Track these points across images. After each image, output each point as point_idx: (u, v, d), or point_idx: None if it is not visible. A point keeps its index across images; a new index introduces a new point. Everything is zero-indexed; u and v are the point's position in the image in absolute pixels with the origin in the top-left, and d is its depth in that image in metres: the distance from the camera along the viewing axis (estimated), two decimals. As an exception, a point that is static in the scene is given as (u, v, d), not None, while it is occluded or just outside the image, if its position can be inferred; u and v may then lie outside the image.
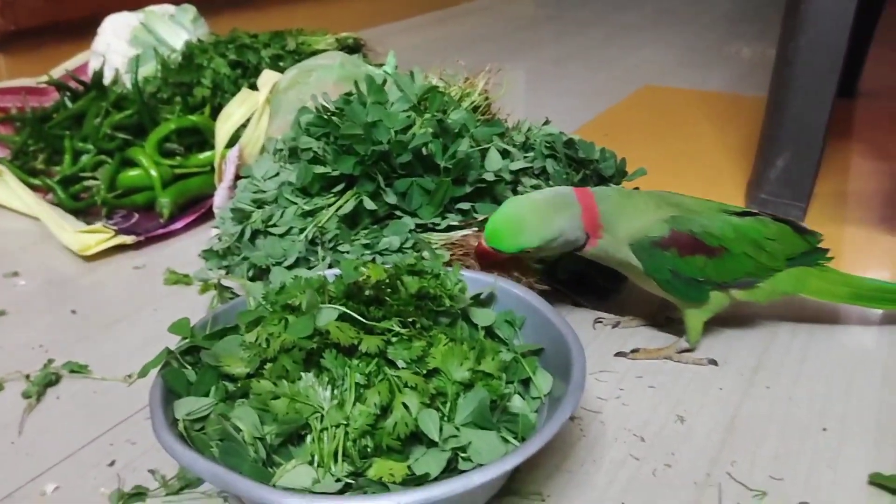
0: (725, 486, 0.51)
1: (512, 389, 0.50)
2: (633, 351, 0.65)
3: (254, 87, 0.97)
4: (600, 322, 0.70)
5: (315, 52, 1.12)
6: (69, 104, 1.06)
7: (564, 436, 0.56)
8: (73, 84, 1.10)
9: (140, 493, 0.51)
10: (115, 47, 1.14)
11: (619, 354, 0.65)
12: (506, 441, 0.45)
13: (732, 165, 1.06)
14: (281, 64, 1.09)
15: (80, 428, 0.58)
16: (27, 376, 0.63)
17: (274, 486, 0.41)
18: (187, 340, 0.50)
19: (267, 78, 0.91)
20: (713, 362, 0.63)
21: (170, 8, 1.21)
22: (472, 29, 2.06)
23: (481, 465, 0.43)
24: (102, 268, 0.81)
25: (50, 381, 0.62)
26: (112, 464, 0.54)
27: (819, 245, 0.64)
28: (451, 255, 0.66)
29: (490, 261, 0.62)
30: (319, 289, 0.49)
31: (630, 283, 0.71)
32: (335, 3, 1.96)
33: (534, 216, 0.58)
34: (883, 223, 0.89)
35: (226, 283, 0.72)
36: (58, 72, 1.24)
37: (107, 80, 1.11)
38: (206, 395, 0.48)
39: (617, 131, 1.22)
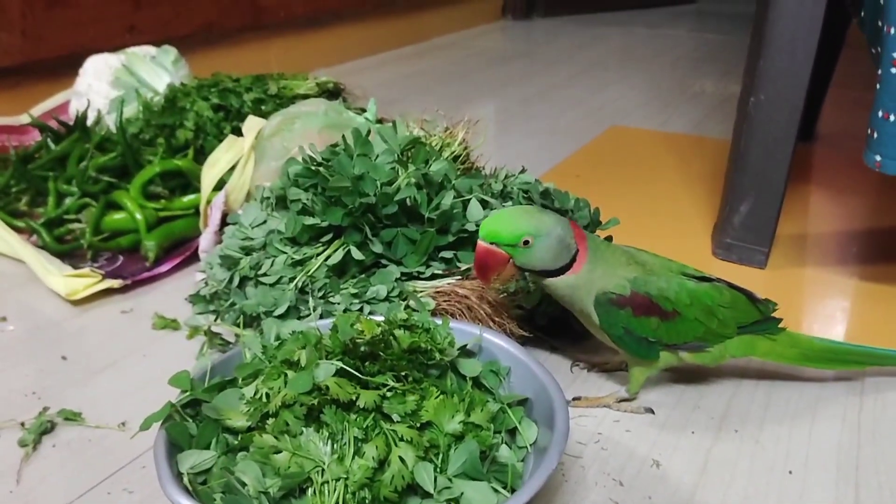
0: (699, 528, 0.55)
1: (499, 439, 0.53)
2: (576, 399, 0.67)
3: (237, 130, 0.99)
4: (577, 365, 0.73)
5: (296, 97, 1.15)
6: (52, 145, 1.07)
7: (548, 481, 0.59)
8: (54, 125, 1.11)
9: (140, 543, 0.53)
10: (96, 88, 1.16)
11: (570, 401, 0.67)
12: (496, 491, 0.48)
13: (699, 208, 1.11)
14: (263, 108, 1.11)
15: (77, 476, 0.59)
16: (22, 424, 0.64)
17: (278, 538, 0.44)
18: (188, 394, 0.52)
19: (252, 124, 0.94)
20: (650, 411, 0.66)
21: (151, 49, 1.23)
22: (443, 64, 2.10)
23: (473, 514, 0.46)
24: (90, 312, 0.83)
25: (45, 429, 0.64)
26: (110, 514, 0.56)
27: (772, 314, 0.67)
28: (437, 303, 0.69)
29: (491, 271, 0.61)
30: (316, 344, 0.51)
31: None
32: (307, 40, 1.99)
33: (530, 211, 0.60)
34: (839, 265, 0.94)
35: (215, 329, 0.74)
36: (37, 111, 1.25)
37: (89, 122, 1.12)
38: (208, 447, 0.50)
39: (587, 173, 1.27)
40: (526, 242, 0.58)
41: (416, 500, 0.47)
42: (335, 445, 0.47)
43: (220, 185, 0.92)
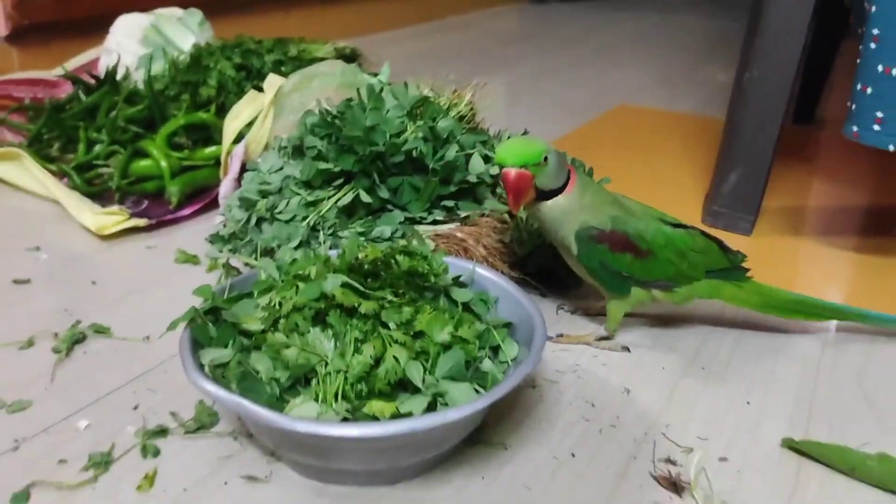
0: (659, 443, 0.61)
1: (484, 354, 0.60)
2: (559, 336, 0.74)
3: (259, 88, 1.06)
4: (562, 308, 0.80)
5: (314, 60, 1.22)
6: (83, 97, 1.15)
7: (526, 399, 0.66)
8: (86, 78, 1.19)
9: (162, 430, 0.60)
10: (126, 46, 1.24)
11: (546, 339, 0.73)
12: (477, 392, 0.55)
13: (695, 180, 1.18)
14: (283, 69, 1.19)
15: (105, 378, 0.67)
16: (55, 334, 0.72)
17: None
18: (209, 301, 0.60)
19: (272, 81, 1.01)
20: (626, 349, 0.73)
21: (178, 11, 1.31)
22: (459, 42, 2.17)
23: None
24: (117, 247, 0.91)
25: (77, 339, 0.71)
26: (136, 407, 0.63)
27: (741, 265, 0.73)
28: (436, 245, 0.76)
29: (524, 192, 0.65)
30: (326, 262, 0.59)
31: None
32: (329, 12, 2.07)
33: (530, 137, 0.68)
34: (822, 236, 1.00)
35: (233, 262, 0.82)
36: (70, 66, 1.33)
37: (118, 76, 1.20)
38: (226, 346, 0.57)
39: (592, 145, 1.33)
40: (545, 159, 0.64)
41: (406, 395, 0.54)
42: (338, 344, 0.54)
43: (239, 138, 1.00)
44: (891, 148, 0.77)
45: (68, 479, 0.56)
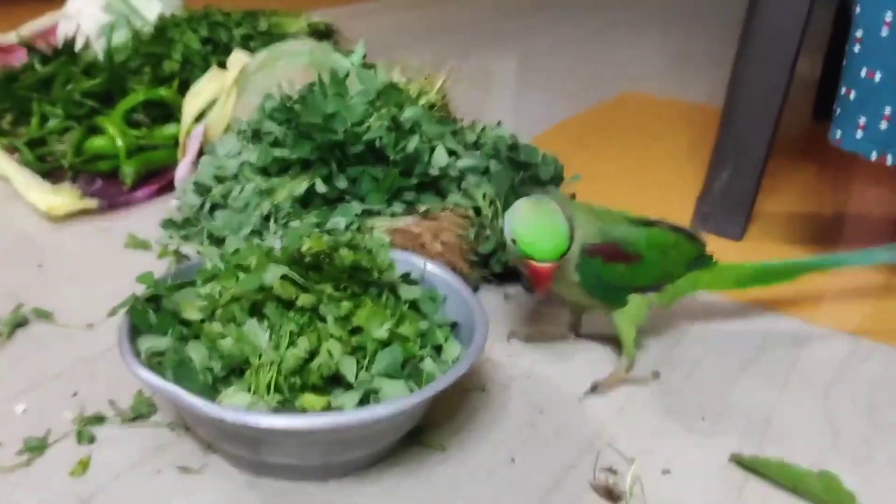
0: (604, 453, 0.69)
1: (425, 353, 0.68)
2: (593, 388, 0.76)
3: (223, 65, 1.14)
4: (514, 337, 0.84)
5: (286, 35, 1.30)
6: (38, 66, 1.23)
7: (472, 403, 0.74)
8: (43, 46, 1.27)
9: (99, 418, 0.69)
10: (87, 13, 1.32)
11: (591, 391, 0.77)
12: (411, 390, 0.63)
13: (692, 180, 1.25)
14: (251, 44, 1.27)
15: (45, 363, 0.75)
16: (-3, 317, 0.81)
17: (216, 407, 0.59)
18: (151, 289, 0.68)
19: (237, 59, 1.09)
20: (656, 375, 0.79)
21: (145, -24, 1.39)
22: (455, 14, 2.23)
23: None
24: (67, 228, 0.99)
25: (19, 322, 0.80)
26: (75, 394, 0.72)
27: (706, 251, 0.81)
28: (392, 239, 0.84)
29: (549, 279, 0.69)
30: (268, 253, 0.67)
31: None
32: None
33: (543, 208, 0.69)
34: (818, 245, 1.07)
35: (184, 250, 0.90)
36: (26, 31, 1.41)
37: (77, 46, 1.28)
38: (165, 335, 0.65)
39: (591, 134, 1.41)
40: (570, 239, 0.69)
41: (340, 389, 0.62)
42: (273, 336, 0.62)
43: (201, 117, 1.08)
44: (873, 157, 0.85)
45: (2, 462, 0.64)
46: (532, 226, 0.69)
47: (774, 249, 1.06)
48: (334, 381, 0.63)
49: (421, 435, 0.70)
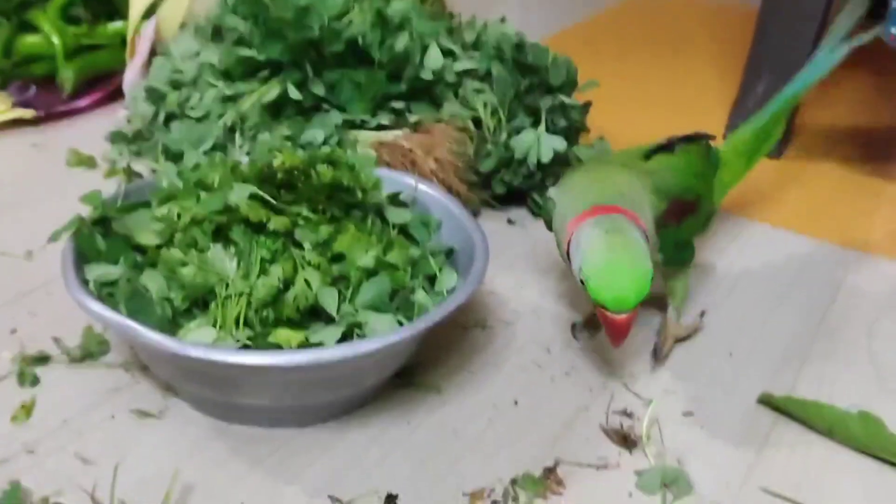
0: (618, 395, 0.71)
1: (417, 283, 0.68)
2: (656, 355, 0.75)
3: (177, -49, 1.12)
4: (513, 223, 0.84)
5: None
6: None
7: (472, 341, 0.75)
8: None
9: (43, 357, 0.69)
10: None
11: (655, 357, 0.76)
12: (400, 324, 0.64)
13: (723, 86, 1.25)
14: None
15: (-21, 297, 0.76)
16: (-79, 245, 0.81)
17: (178, 343, 0.60)
18: (98, 211, 0.68)
19: (193, -57, 1.07)
20: (703, 315, 0.79)
21: None
22: None
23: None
24: (-3, 142, 0.99)
25: (-53, 250, 0.80)
26: (14, 331, 0.72)
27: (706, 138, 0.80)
28: (379, 155, 0.84)
29: (627, 331, 0.65)
30: (233, 169, 0.67)
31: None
32: None
33: (627, 249, 0.63)
34: (860, 162, 1.08)
35: (135, 167, 0.90)
36: None
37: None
38: (116, 263, 0.66)
39: (606, 39, 1.40)
40: (652, 279, 0.63)
41: (319, 324, 0.63)
42: (241, 264, 0.62)
43: (151, 12, 1.06)
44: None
45: (-68, 406, 0.65)
46: (607, 267, 0.62)
47: (818, 168, 1.06)
48: (312, 315, 0.63)
49: (413, 376, 0.71)
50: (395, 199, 0.73)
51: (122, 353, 0.71)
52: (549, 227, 0.73)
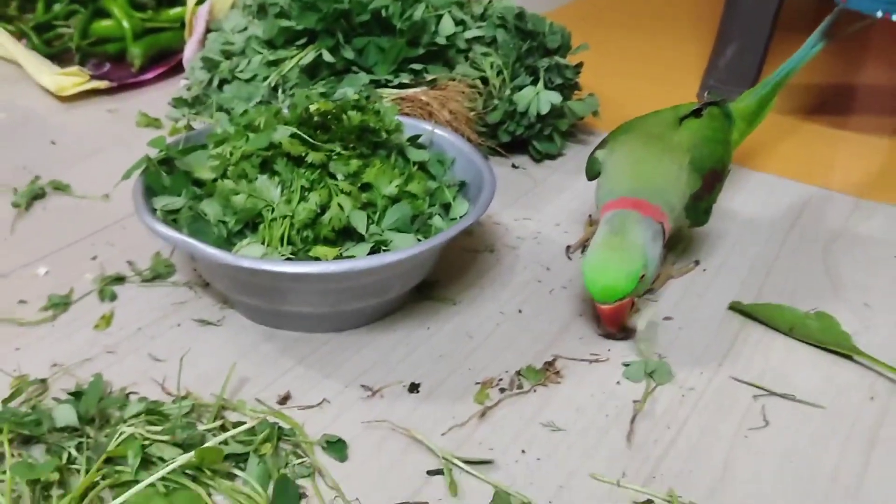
0: (608, 304, 0.71)
1: (434, 210, 0.68)
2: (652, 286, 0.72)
3: (227, -55, 1.12)
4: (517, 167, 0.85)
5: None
6: (40, -48, 1.20)
7: (482, 262, 0.75)
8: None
9: (119, 278, 0.70)
10: None
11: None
12: (419, 241, 0.64)
13: (700, 54, 1.23)
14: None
15: (65, 231, 0.76)
16: (15, 189, 0.81)
17: (232, 258, 0.60)
18: (163, 152, 0.68)
19: (239, -64, 1.07)
20: (697, 262, 0.77)
21: None
22: None
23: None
24: (77, 109, 0.99)
25: (36, 194, 0.81)
26: (95, 258, 0.73)
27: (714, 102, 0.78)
28: (400, 108, 0.83)
29: (623, 319, 0.65)
30: (276, 114, 0.67)
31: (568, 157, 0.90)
32: None
33: (617, 241, 0.63)
34: (827, 117, 1.06)
35: (195, 125, 0.90)
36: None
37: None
38: (179, 195, 0.66)
39: (598, 15, 1.38)
40: (642, 276, 0.62)
41: (351, 242, 0.63)
42: (285, 191, 0.63)
43: (205, -3, 1.06)
44: (879, 14, 0.83)
45: (28, 318, 0.66)
46: (599, 264, 0.63)
47: (780, 121, 1.05)
48: (346, 235, 0.63)
49: (432, 290, 0.71)
50: (414, 141, 0.73)
51: (186, 274, 0.71)
52: (590, 178, 0.74)
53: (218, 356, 0.63)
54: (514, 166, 0.92)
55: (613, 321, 0.65)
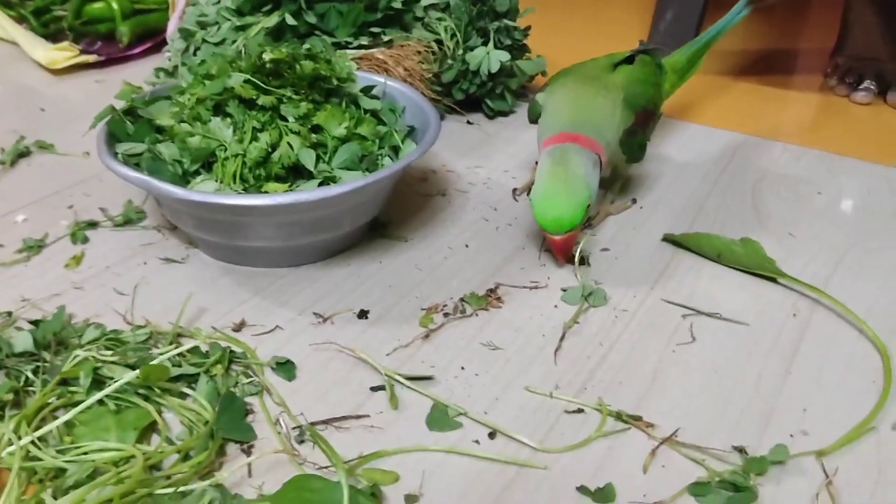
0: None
1: (383, 152, 0.63)
2: (589, 220, 0.68)
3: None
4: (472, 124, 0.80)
5: None
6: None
7: (434, 204, 0.71)
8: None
9: (92, 223, 0.65)
10: None
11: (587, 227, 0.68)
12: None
13: (643, 22, 1.18)
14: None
15: (45, 184, 0.72)
16: (2, 149, 0.76)
17: (187, 196, 0.55)
18: (129, 103, 0.63)
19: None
20: (634, 201, 0.72)
21: None
22: None
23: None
24: (68, 80, 0.94)
25: (21, 152, 0.76)
26: (71, 207, 0.68)
27: (656, 51, 0.74)
28: (358, 66, 0.78)
29: (571, 247, 0.61)
30: (231, 62, 0.62)
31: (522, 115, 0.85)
32: None
33: (563, 174, 0.59)
34: (756, 75, 1.02)
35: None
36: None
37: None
38: (142, 142, 0.61)
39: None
40: (587, 206, 0.59)
41: (303, 180, 0.58)
42: (237, 132, 0.58)
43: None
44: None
45: (2, 259, 0.61)
46: (548, 195, 0.58)
47: (713, 81, 1.00)
48: (296, 173, 0.59)
49: (386, 230, 0.66)
50: (367, 91, 0.68)
51: (155, 219, 0.67)
52: (532, 120, 0.69)
53: (179, 290, 0.58)
54: (469, 122, 0.87)
55: (564, 251, 0.61)
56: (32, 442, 0.43)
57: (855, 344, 0.55)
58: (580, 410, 0.49)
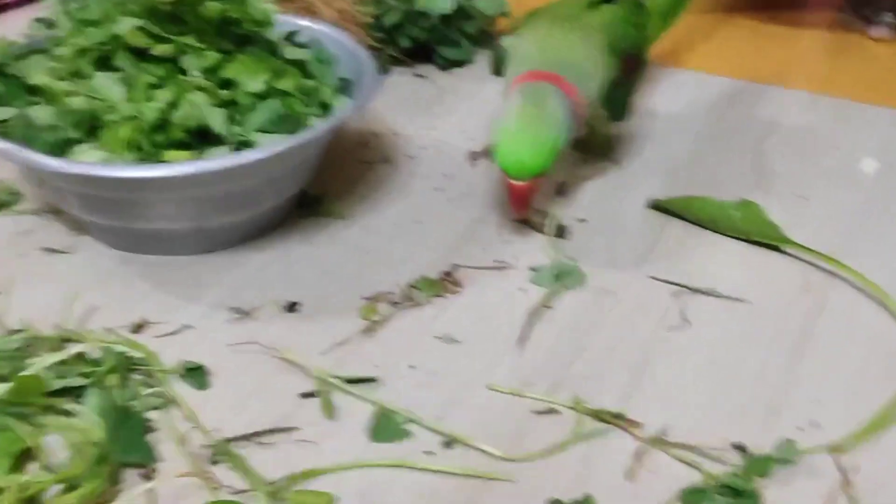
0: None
1: (312, 112, 0.62)
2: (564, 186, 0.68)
3: None
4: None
5: None
6: None
7: (377, 174, 0.69)
8: None
9: (-45, 205, 0.63)
10: None
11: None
12: (290, 142, 0.58)
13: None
14: None
15: None
16: None
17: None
18: (-4, 59, 0.61)
19: None
20: (615, 162, 0.72)
21: None
22: None
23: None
24: (-75, 36, 0.90)
25: None
26: (-72, 188, 0.66)
27: None
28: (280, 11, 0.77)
29: (525, 202, 0.60)
30: (118, 4, 0.60)
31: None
32: None
33: (531, 114, 0.58)
34: (742, 12, 1.01)
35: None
36: None
37: None
38: (11, 105, 0.59)
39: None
40: (558, 151, 0.58)
41: (211, 146, 0.57)
42: (128, 90, 0.56)
43: None
44: None
45: None
46: (513, 135, 0.57)
47: (702, 20, 1.00)
48: (204, 139, 0.57)
49: (319, 206, 0.65)
50: (290, 38, 0.66)
51: (34, 202, 0.64)
52: (497, 72, 0.68)
53: (65, 286, 0.56)
54: (417, 75, 0.85)
55: (522, 202, 0.59)
56: None
57: (875, 321, 0.55)
58: (553, 410, 0.48)
